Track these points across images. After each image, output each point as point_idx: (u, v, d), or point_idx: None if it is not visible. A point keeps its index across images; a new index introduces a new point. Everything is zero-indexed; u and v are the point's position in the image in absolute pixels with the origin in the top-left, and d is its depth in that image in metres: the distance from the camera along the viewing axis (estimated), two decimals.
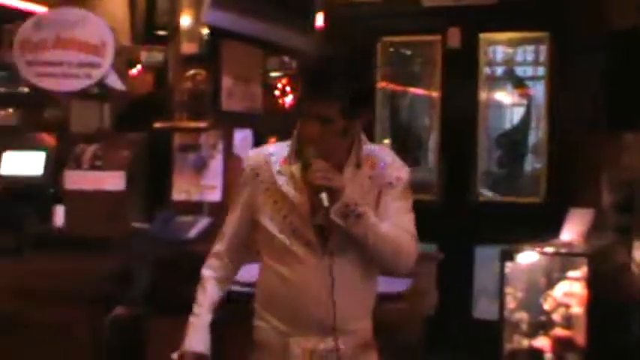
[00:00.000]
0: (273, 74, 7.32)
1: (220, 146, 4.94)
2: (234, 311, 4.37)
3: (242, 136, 5.17)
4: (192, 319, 3.18)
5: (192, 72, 4.91)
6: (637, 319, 6.28)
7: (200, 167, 4.93)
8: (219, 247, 3.24)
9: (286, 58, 7.29)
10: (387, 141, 8.45)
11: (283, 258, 3.01)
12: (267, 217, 3.02)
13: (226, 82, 5.00)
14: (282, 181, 3.00)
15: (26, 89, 5.99)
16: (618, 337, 6.07)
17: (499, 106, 8.24)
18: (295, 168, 2.98)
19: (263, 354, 3.15)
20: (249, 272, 4.52)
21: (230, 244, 3.20)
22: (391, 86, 8.50)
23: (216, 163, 4.94)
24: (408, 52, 8.60)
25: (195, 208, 4.93)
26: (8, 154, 5.39)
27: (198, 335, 3.19)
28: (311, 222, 2.96)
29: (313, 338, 3.02)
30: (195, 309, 3.19)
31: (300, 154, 2.94)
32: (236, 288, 4.34)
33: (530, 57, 8.14)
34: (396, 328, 4.21)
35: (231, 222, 3.16)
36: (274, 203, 3.01)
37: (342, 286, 2.94)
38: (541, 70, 8.06)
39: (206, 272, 3.24)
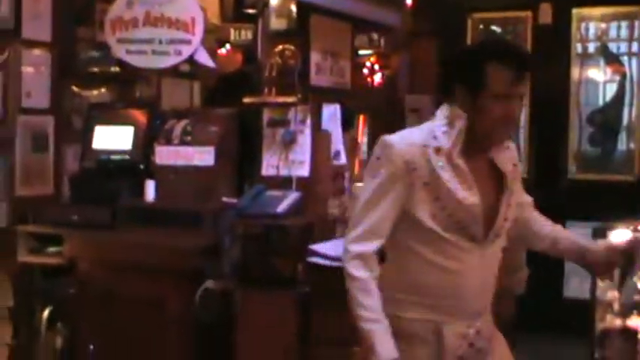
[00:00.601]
0: (362, 52, 7.29)
1: (309, 121, 4.94)
2: (323, 283, 4.44)
3: (330, 112, 5.17)
4: (371, 325, 2.92)
5: (280, 47, 4.92)
6: None
7: (289, 142, 4.94)
8: (368, 246, 2.97)
9: (375, 36, 7.26)
10: None
11: (445, 251, 2.96)
12: (428, 214, 2.94)
13: (315, 57, 5.00)
14: (447, 176, 2.92)
15: (118, 68, 6.06)
16: None
17: (591, 83, 8.10)
18: (462, 162, 2.93)
19: (413, 343, 3.01)
20: (336, 247, 4.57)
21: (381, 242, 2.98)
22: None
23: (305, 139, 4.94)
24: (498, 29, 8.49)
25: (284, 182, 4.94)
26: (100, 129, 5.46)
27: (387, 342, 2.92)
28: (483, 220, 2.95)
29: (463, 323, 3.02)
30: (368, 314, 2.92)
31: (485, 138, 2.93)
32: (324, 262, 4.39)
33: (624, 32, 7.98)
34: None
35: (381, 218, 2.95)
36: (435, 200, 2.93)
37: (492, 272, 3.11)
38: (635, 46, 7.91)
39: (362, 273, 2.95)
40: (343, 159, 5.29)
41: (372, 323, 2.91)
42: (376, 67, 7.59)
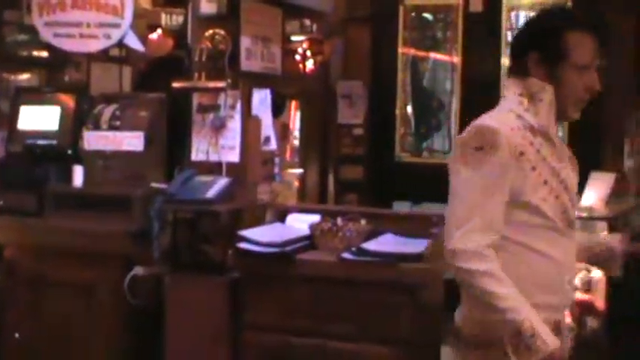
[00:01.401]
0: (295, 38, 7.27)
1: (239, 107, 4.92)
2: (252, 269, 4.44)
3: (261, 97, 5.16)
4: (525, 314, 2.63)
5: (211, 32, 4.89)
6: None
7: (219, 127, 4.92)
8: (485, 241, 2.69)
9: (307, 22, 7.24)
10: (408, 106, 8.44)
11: (554, 242, 2.79)
12: (541, 199, 2.75)
13: (245, 42, 4.96)
14: (549, 156, 2.79)
15: (46, 52, 5.97)
16: (638, 302, 6.04)
17: None
18: (557, 138, 2.84)
19: None
20: (266, 233, 4.58)
21: (497, 239, 2.72)
22: (412, 51, 8.46)
23: (235, 124, 4.92)
24: (430, 17, 8.54)
25: (213, 168, 4.92)
26: (26, 112, 5.37)
27: (546, 328, 2.68)
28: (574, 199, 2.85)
29: (563, 313, 2.93)
30: (515, 303, 2.65)
31: (562, 112, 2.82)
32: (254, 247, 4.39)
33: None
34: (416, 289, 4.22)
35: (496, 213, 2.71)
36: (544, 184, 2.76)
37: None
38: None
39: (488, 265, 2.66)
40: (273, 145, 5.29)
41: (523, 311, 2.64)
42: (308, 53, 7.58)
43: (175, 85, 4.99)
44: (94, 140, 5.10)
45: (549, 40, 2.78)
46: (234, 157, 4.93)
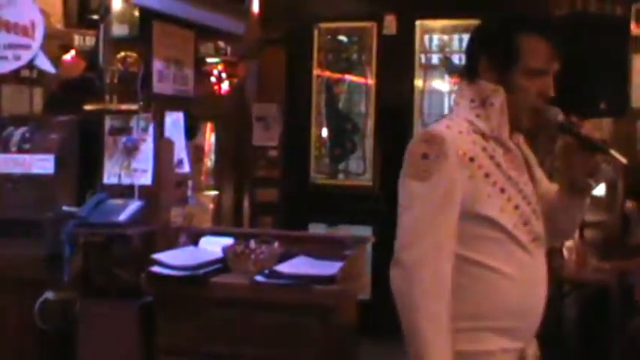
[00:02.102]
0: (210, 60, 7.26)
1: (151, 129, 4.89)
2: (166, 293, 4.41)
3: (173, 120, 5.14)
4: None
5: (122, 54, 4.86)
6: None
7: (131, 150, 4.88)
8: (439, 260, 2.45)
9: (222, 44, 7.24)
10: (323, 128, 8.47)
11: (511, 256, 2.52)
12: (498, 209, 2.50)
13: (157, 64, 4.95)
14: (505, 162, 2.54)
15: None
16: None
17: (435, 93, 8.29)
18: (512, 144, 2.59)
19: None
20: (179, 256, 4.55)
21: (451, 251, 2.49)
22: (327, 73, 8.50)
23: (147, 147, 4.89)
24: (345, 39, 8.60)
25: (126, 191, 4.88)
26: None
27: None
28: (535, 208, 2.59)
29: (532, 345, 2.65)
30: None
31: (515, 119, 2.56)
32: (167, 271, 4.36)
33: (465, 44, 8.16)
34: (329, 311, 4.23)
35: (448, 225, 2.47)
36: (501, 192, 2.51)
37: (546, 280, 2.66)
38: None
39: (438, 307, 2.43)
40: (187, 167, 5.27)
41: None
42: (223, 75, 7.57)
43: (87, 107, 4.94)
44: (2, 163, 5.02)
45: (499, 44, 2.58)
46: (146, 180, 4.90)
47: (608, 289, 6.12)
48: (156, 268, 4.40)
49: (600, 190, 7.40)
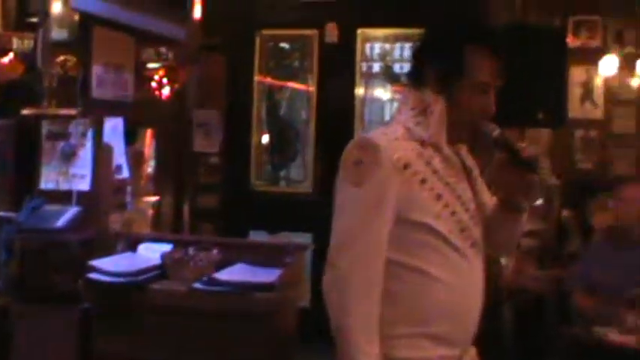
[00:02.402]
0: (151, 65, 7.22)
1: (90, 134, 4.85)
2: (103, 300, 4.37)
3: (113, 125, 5.10)
4: None
5: (61, 58, 4.82)
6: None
7: (69, 155, 4.84)
8: (373, 267, 2.46)
9: (163, 49, 7.20)
10: (264, 135, 8.46)
11: (447, 262, 2.50)
12: (434, 215, 2.48)
13: (97, 69, 4.91)
14: (442, 169, 2.52)
15: None
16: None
17: (376, 101, 8.32)
18: (451, 152, 2.57)
19: None
20: (117, 263, 4.51)
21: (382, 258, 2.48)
22: (269, 80, 8.50)
23: (86, 152, 4.85)
24: (287, 46, 8.60)
25: (63, 197, 4.83)
26: None
27: None
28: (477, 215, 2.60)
29: (470, 350, 2.65)
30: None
31: (457, 130, 2.55)
32: (105, 278, 4.32)
33: (406, 53, 8.23)
34: (268, 318, 4.22)
35: (381, 232, 2.46)
36: (438, 199, 2.49)
37: (482, 286, 2.65)
38: None
39: (368, 313, 2.45)
40: (126, 173, 5.23)
41: None
42: (164, 80, 7.53)
43: (25, 111, 4.89)
44: None
45: (448, 56, 2.55)
46: (84, 185, 4.86)
47: (544, 296, 6.19)
48: (94, 275, 4.35)
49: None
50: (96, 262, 4.42)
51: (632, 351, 4.65)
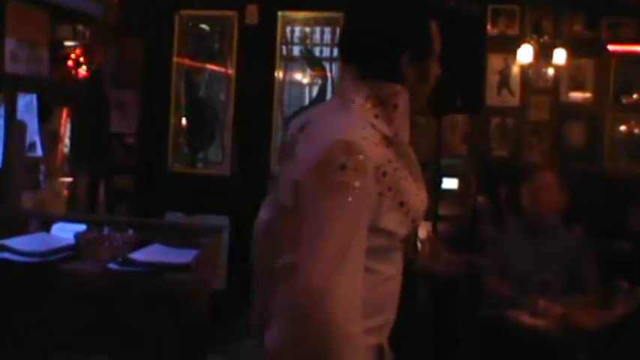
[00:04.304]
0: (68, 43, 7.11)
1: (2, 110, 4.75)
2: (14, 281, 4.29)
3: (27, 102, 5.00)
4: None
5: None
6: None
7: None
8: (352, 288, 2.18)
9: (80, 27, 7.09)
10: (183, 117, 8.40)
11: (399, 259, 2.43)
12: (398, 223, 2.35)
13: (10, 45, 4.81)
14: (405, 173, 2.38)
15: None
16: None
17: (295, 84, 8.30)
18: (410, 149, 2.43)
19: None
20: (29, 242, 4.43)
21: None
22: (187, 61, 8.42)
23: None
24: (206, 27, 8.53)
25: None
26: None
27: None
28: None
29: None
30: None
31: (417, 112, 2.46)
32: (16, 258, 4.24)
33: (327, 37, 8.22)
34: (182, 299, 4.19)
35: (363, 245, 2.23)
36: (401, 206, 2.34)
37: None
38: (337, 52, 8.14)
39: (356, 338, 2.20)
40: (39, 151, 5.14)
41: None
42: (81, 59, 7.42)
43: None
44: None
45: (421, 37, 2.44)
46: None
47: (458, 281, 6.26)
48: (4, 255, 4.27)
49: (453, 184, 7.56)
50: (6, 242, 4.34)
51: (542, 333, 4.74)
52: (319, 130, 2.34)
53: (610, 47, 8.04)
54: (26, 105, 4.97)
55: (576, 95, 8.15)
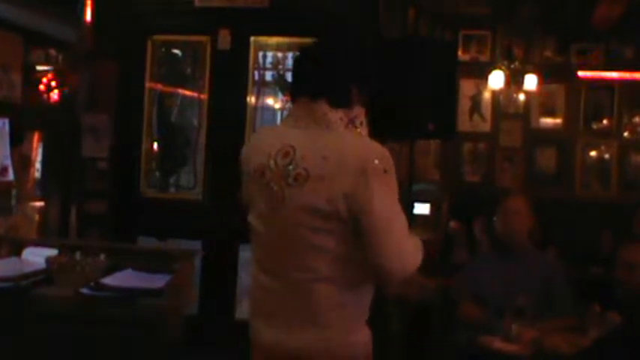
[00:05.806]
0: (40, 68, 7.09)
1: None
2: None
3: None
4: None
5: None
6: None
7: None
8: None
9: (53, 52, 7.08)
10: (155, 142, 8.38)
11: None
12: None
13: None
14: None
15: None
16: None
17: (267, 109, 8.32)
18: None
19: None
20: (4, 266, 4.41)
21: None
22: (160, 86, 8.41)
23: None
24: (179, 52, 8.53)
25: None
26: None
27: None
28: None
29: None
30: None
31: None
32: None
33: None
34: (154, 325, 4.17)
35: None
36: None
37: None
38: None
39: None
40: (11, 175, 5.11)
41: None
42: (53, 83, 7.41)
43: None
44: None
45: (369, 75, 3.14)
46: None
47: (431, 306, 6.27)
48: None
49: (425, 209, 7.59)
50: None
51: (515, 358, 4.75)
52: (350, 145, 2.97)
53: (580, 73, 8.13)
54: None
55: (547, 121, 8.23)
